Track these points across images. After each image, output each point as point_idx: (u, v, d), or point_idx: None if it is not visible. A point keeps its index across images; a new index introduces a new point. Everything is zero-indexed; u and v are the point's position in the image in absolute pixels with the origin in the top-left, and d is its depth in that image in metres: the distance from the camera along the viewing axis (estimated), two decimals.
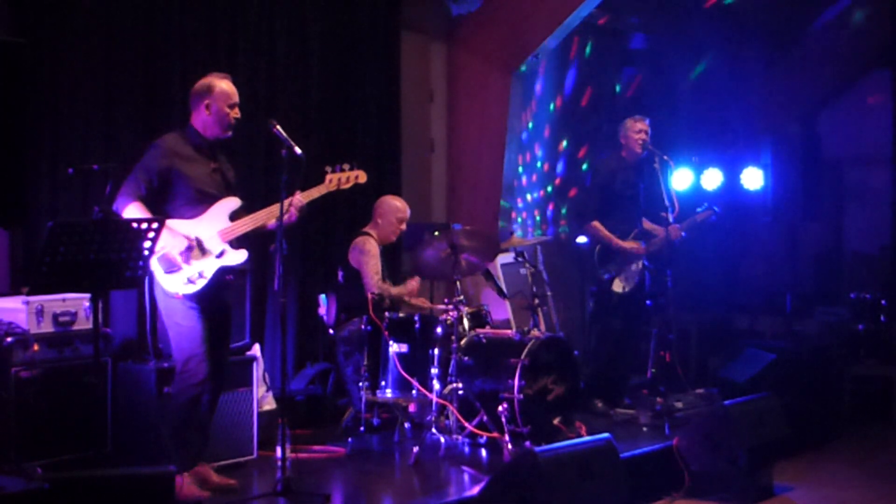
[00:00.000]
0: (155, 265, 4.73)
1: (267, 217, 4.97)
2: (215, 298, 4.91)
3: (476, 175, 8.40)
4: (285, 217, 4.90)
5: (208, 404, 4.96)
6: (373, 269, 6.26)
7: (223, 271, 4.89)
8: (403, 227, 6.54)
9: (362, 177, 5.26)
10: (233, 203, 4.96)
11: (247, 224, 4.93)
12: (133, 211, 4.69)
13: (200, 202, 4.88)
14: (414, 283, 6.45)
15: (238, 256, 4.91)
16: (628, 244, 6.76)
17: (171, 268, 4.73)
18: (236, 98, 5.00)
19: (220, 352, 4.99)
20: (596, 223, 6.82)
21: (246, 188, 6.23)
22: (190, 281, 4.77)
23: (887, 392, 7.69)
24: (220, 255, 4.86)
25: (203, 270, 4.81)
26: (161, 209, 4.81)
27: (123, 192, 4.75)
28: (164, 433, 4.90)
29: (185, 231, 4.79)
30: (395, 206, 6.50)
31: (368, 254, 6.30)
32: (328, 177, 5.16)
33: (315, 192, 5.09)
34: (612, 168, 6.92)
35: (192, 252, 4.78)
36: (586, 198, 7.16)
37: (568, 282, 8.38)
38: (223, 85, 4.98)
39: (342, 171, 5.20)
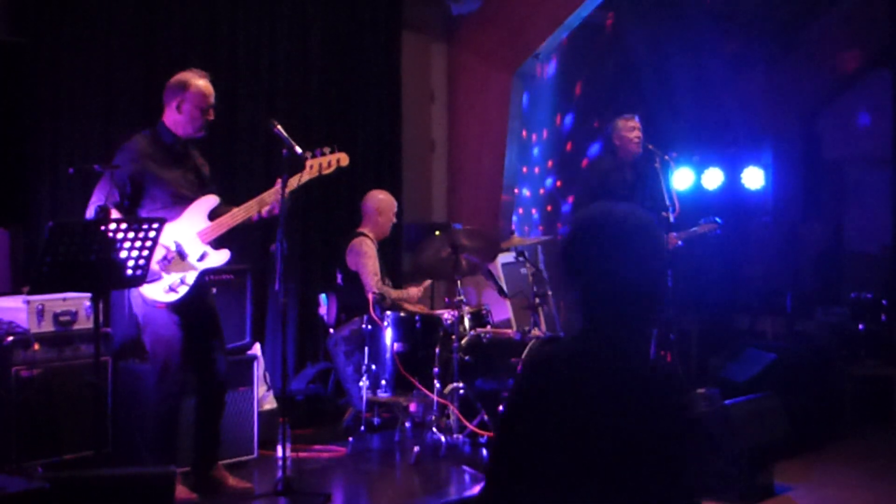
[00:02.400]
0: None
1: (246, 213, 4.83)
2: (197, 303, 4.81)
3: (477, 175, 8.40)
4: (266, 209, 4.82)
5: (212, 412, 4.94)
6: (371, 270, 6.25)
7: (205, 274, 4.80)
8: (394, 219, 6.57)
9: (344, 159, 5.07)
10: (210, 201, 4.84)
11: (226, 223, 4.81)
12: None
13: (176, 204, 4.76)
14: (416, 291, 6.42)
15: (220, 257, 4.80)
16: None
17: (150, 277, 4.55)
18: (212, 99, 4.83)
19: (211, 354, 4.91)
20: None
21: (246, 188, 6.26)
22: (171, 289, 4.67)
23: (888, 392, 7.68)
24: (202, 258, 4.76)
25: (185, 277, 4.70)
26: (136, 214, 4.70)
27: (96, 199, 4.63)
28: (147, 438, 4.86)
29: (163, 237, 4.58)
30: (390, 201, 6.52)
31: (366, 255, 6.29)
32: (308, 163, 4.97)
33: (295, 182, 4.91)
34: (604, 169, 6.90)
35: (170, 261, 4.66)
36: (579, 202, 7.11)
37: None
38: (199, 84, 4.81)
39: (322, 155, 5.01)
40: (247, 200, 4.96)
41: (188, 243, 4.74)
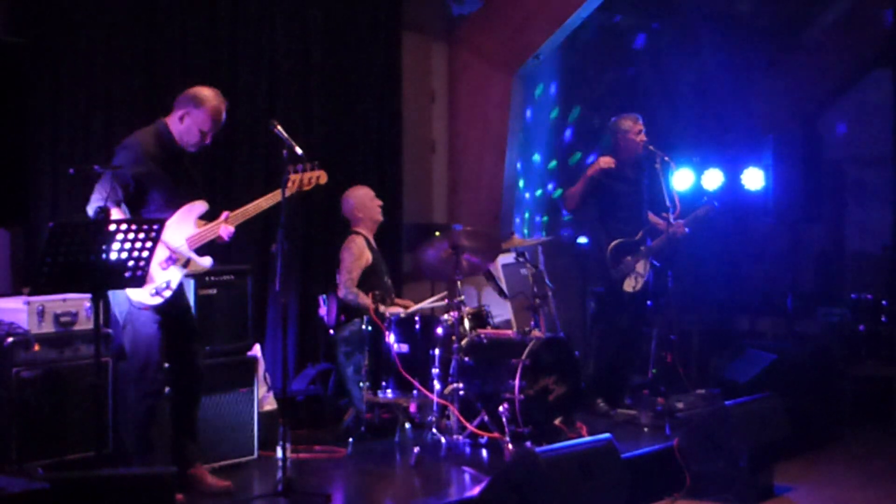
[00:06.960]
0: None
1: (228, 223, 4.83)
2: (176, 304, 4.81)
3: (477, 175, 8.39)
4: (215, 236, 4.81)
5: (188, 407, 4.93)
6: (346, 269, 6.28)
7: (207, 275, 4.83)
8: (378, 202, 6.54)
9: (323, 177, 5.06)
10: (199, 207, 4.84)
11: (213, 230, 4.82)
12: (114, 216, 4.49)
13: (170, 207, 4.76)
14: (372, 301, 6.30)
15: (203, 263, 4.80)
16: (603, 159, 6.72)
17: None
18: (217, 126, 4.83)
19: (188, 354, 4.92)
20: (572, 190, 6.82)
21: (246, 188, 6.26)
22: (157, 293, 4.67)
23: (888, 393, 7.69)
24: (187, 263, 4.77)
25: (171, 280, 4.71)
26: (135, 214, 4.70)
27: (97, 199, 4.62)
28: (127, 438, 4.85)
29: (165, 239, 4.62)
30: (360, 194, 6.52)
31: (348, 251, 6.34)
32: (291, 178, 4.92)
33: (272, 200, 4.88)
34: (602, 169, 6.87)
35: (173, 262, 4.66)
36: (582, 199, 7.00)
37: (569, 282, 8.38)
38: (211, 108, 4.78)
39: (304, 171, 4.97)
40: (245, 201, 4.96)
41: (178, 247, 4.74)
